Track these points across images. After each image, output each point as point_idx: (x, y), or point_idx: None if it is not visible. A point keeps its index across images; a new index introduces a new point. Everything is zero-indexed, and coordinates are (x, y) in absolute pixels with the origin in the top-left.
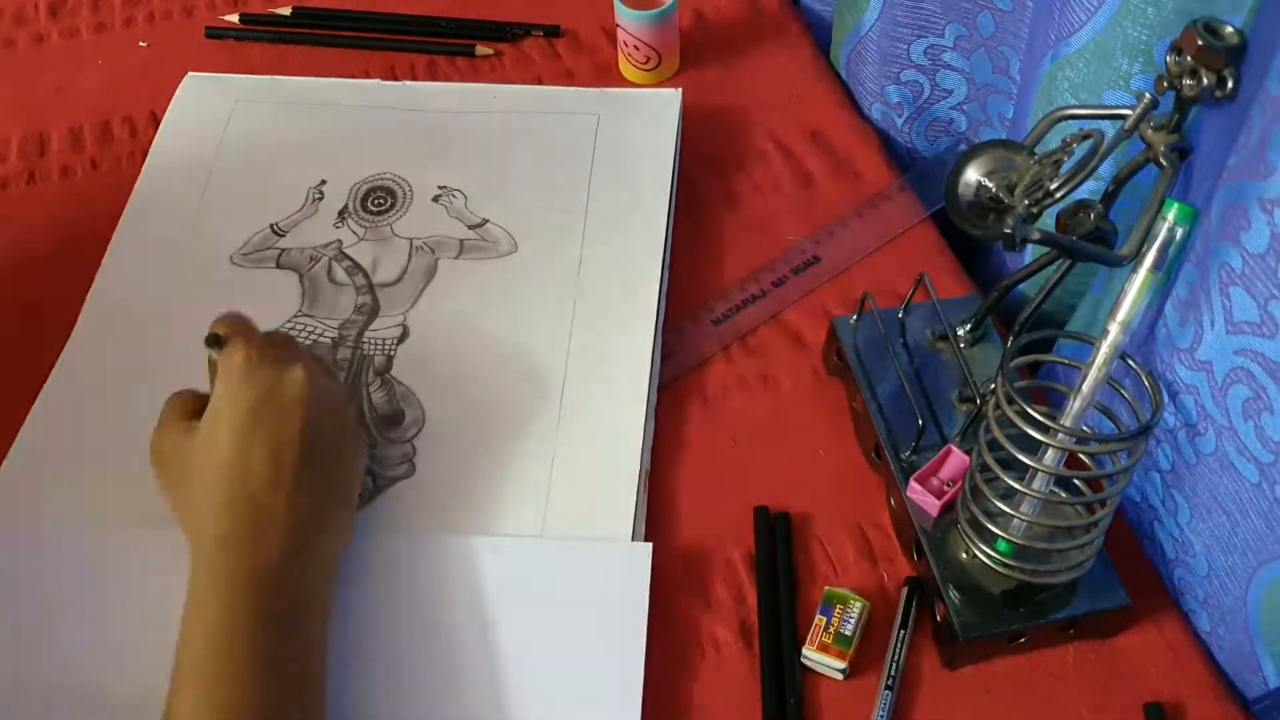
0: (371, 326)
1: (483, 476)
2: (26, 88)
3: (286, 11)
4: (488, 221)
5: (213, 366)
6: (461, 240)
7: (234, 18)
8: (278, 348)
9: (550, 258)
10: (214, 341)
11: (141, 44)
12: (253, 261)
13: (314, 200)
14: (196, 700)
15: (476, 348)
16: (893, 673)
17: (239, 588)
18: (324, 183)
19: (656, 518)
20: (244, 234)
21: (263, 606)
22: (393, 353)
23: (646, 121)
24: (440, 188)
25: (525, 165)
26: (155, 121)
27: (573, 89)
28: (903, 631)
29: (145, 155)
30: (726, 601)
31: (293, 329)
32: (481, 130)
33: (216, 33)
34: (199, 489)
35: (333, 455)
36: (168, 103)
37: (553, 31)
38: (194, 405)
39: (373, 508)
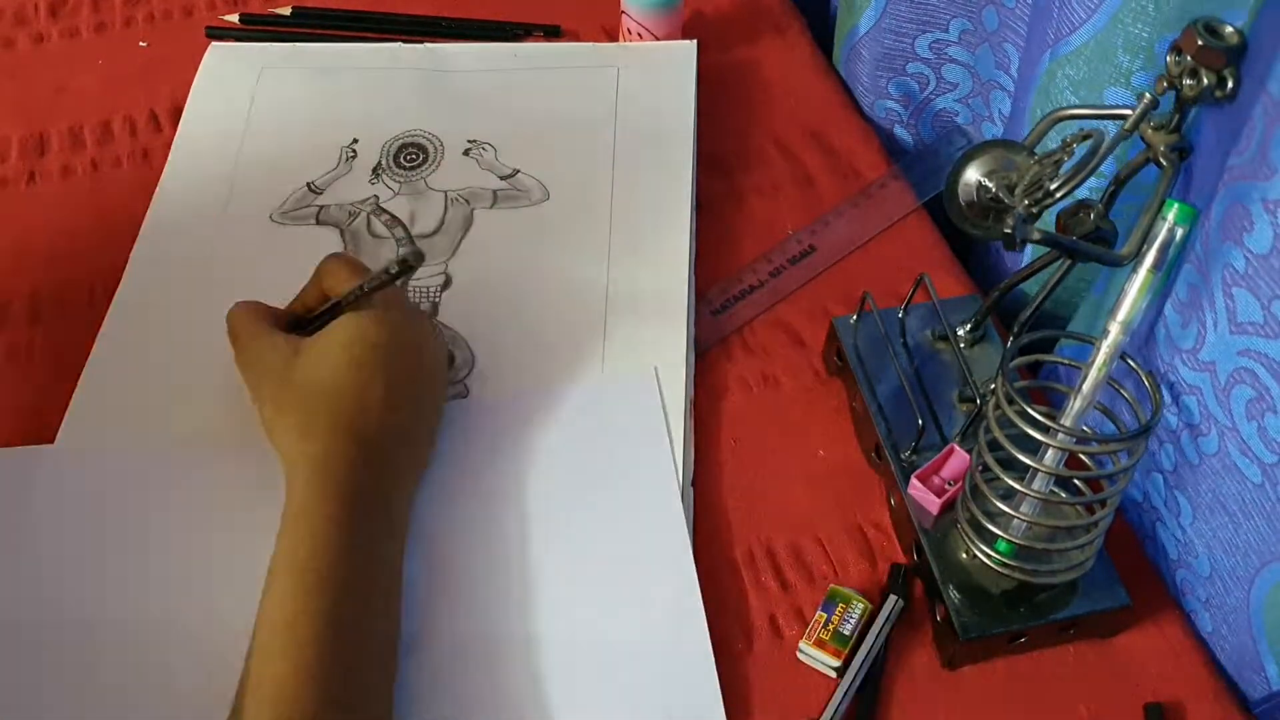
0: (415, 276)
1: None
2: (27, 88)
3: (286, 11)
4: (519, 172)
5: (309, 291)
6: (495, 191)
7: (234, 18)
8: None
9: (582, 204)
10: (412, 258)
11: (141, 44)
12: (292, 219)
13: (347, 159)
14: (298, 606)
15: (518, 292)
16: (872, 655)
17: (341, 505)
18: (355, 142)
19: None
20: (281, 194)
21: (361, 524)
22: (437, 299)
23: (665, 71)
24: (470, 142)
25: (551, 117)
26: (156, 120)
27: (590, 44)
28: (894, 600)
29: (145, 155)
30: (729, 602)
31: None
32: (505, 86)
33: (216, 32)
34: (303, 411)
35: (429, 401)
36: (168, 102)
37: (553, 31)
38: (276, 315)
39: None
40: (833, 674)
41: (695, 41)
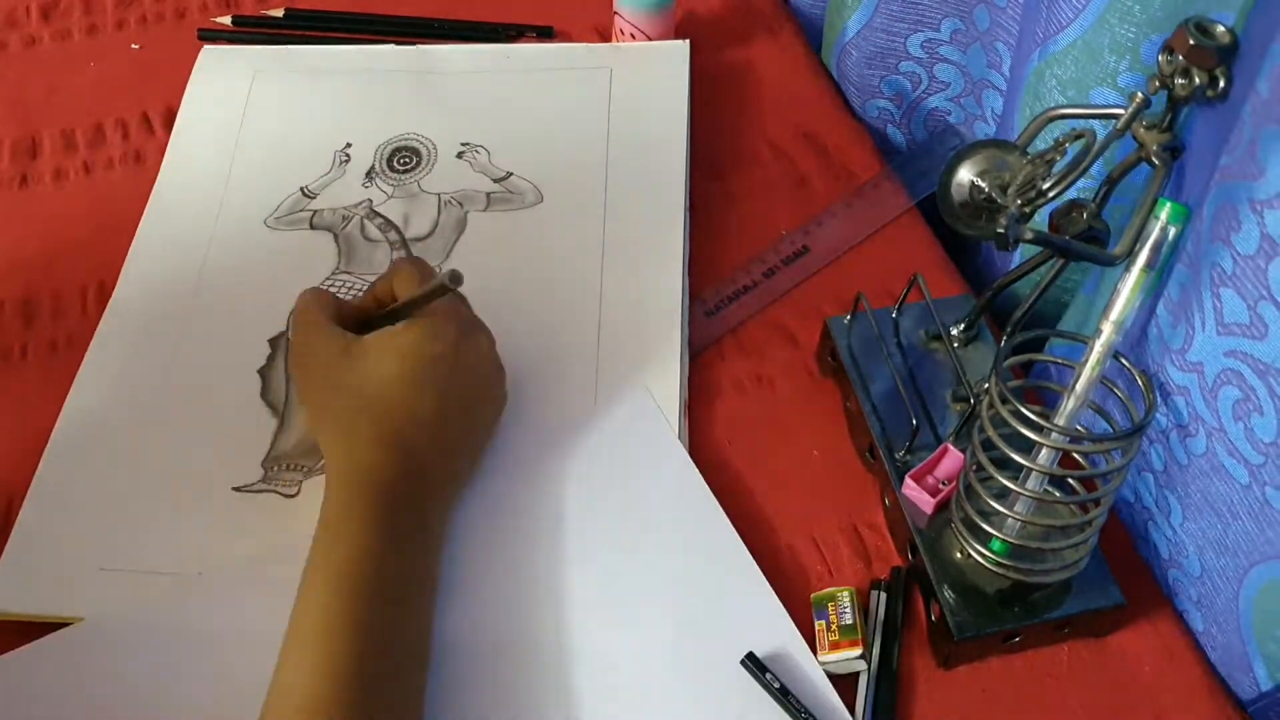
0: None
1: (528, 414)
2: (18, 90)
3: (279, 13)
4: (512, 174)
5: (380, 287)
6: (488, 194)
7: (226, 20)
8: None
9: (576, 206)
10: (455, 278)
11: (134, 46)
12: (286, 224)
13: (341, 163)
14: (331, 612)
15: (512, 294)
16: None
17: (379, 515)
18: (349, 145)
19: None
20: (275, 199)
21: (398, 535)
22: None
23: (658, 72)
24: (463, 144)
25: (544, 119)
26: (148, 123)
27: (584, 45)
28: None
29: (138, 157)
30: None
31: (332, 286)
32: (498, 88)
33: (209, 35)
34: (355, 414)
35: (480, 418)
36: (161, 105)
37: (545, 32)
38: (338, 308)
39: None
40: (862, 665)
41: (688, 42)
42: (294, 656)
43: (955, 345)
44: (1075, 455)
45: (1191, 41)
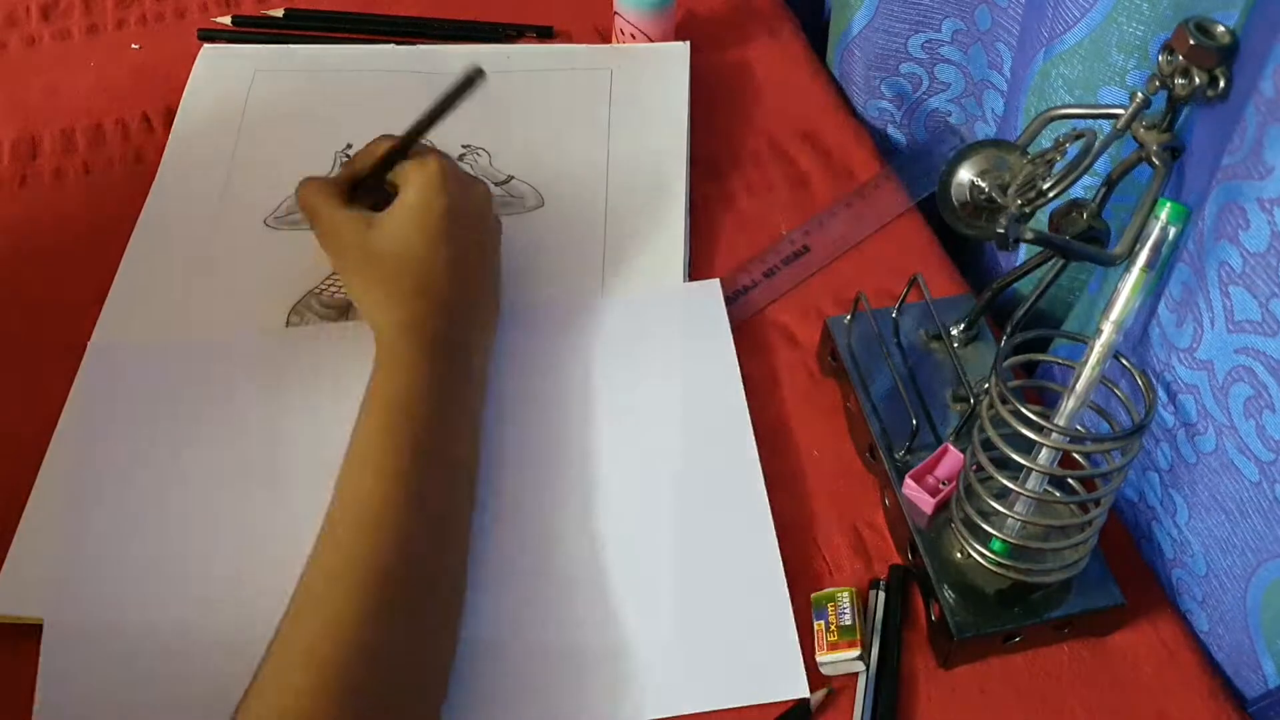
0: None
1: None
2: (18, 90)
3: (279, 13)
4: (513, 178)
5: (360, 159)
6: None
7: (226, 19)
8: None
9: (577, 210)
10: (479, 72)
11: (134, 46)
12: (286, 224)
13: (341, 163)
14: (386, 434)
15: (511, 299)
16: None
17: (422, 357)
18: (349, 146)
19: None
20: (274, 198)
21: (442, 368)
22: None
23: (658, 74)
24: (464, 147)
25: (545, 122)
26: (148, 123)
27: (584, 46)
28: (885, 601)
29: (138, 157)
30: None
31: (331, 286)
32: (499, 90)
33: (209, 34)
34: (385, 282)
35: (491, 256)
36: (161, 104)
37: (545, 32)
38: (339, 189)
39: None
40: (861, 666)
41: (688, 43)
42: (355, 466)
43: (955, 345)
44: (1075, 455)
45: (1191, 41)
